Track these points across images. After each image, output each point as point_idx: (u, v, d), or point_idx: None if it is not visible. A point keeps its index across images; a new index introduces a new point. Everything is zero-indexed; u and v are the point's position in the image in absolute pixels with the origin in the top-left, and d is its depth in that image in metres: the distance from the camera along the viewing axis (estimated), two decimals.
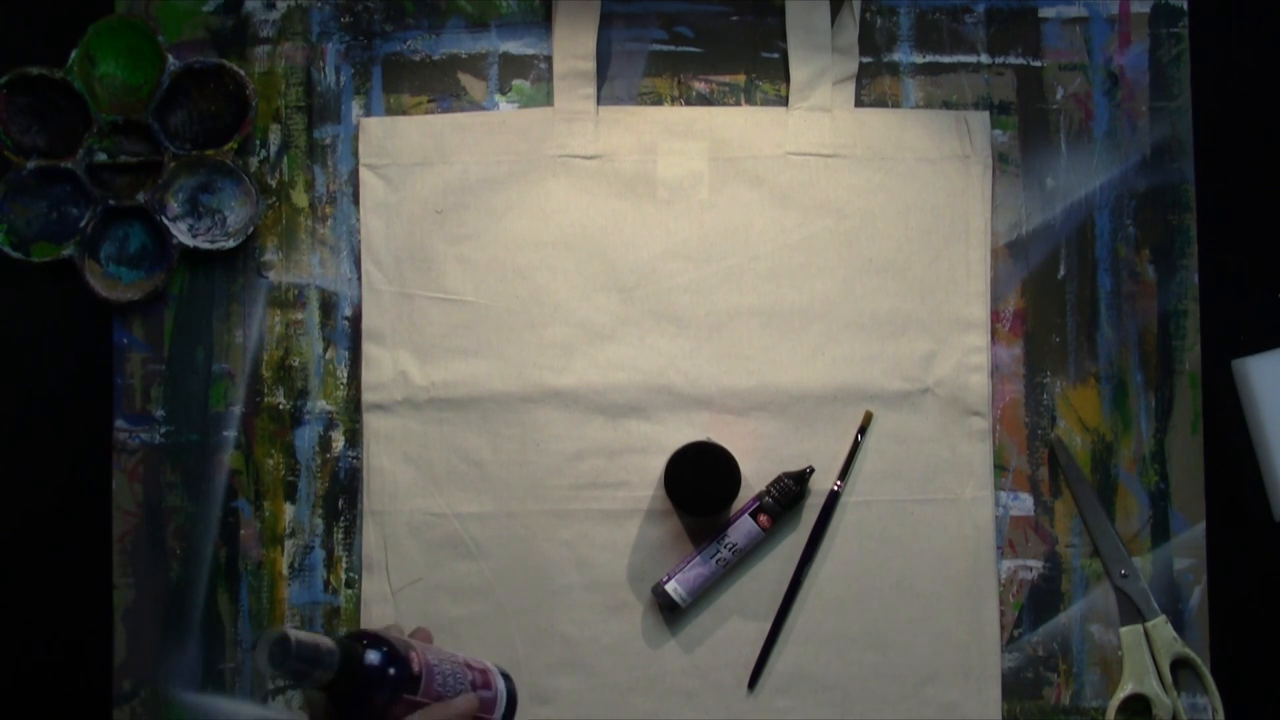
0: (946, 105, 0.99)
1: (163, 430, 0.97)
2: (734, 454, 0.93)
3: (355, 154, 0.98)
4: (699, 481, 0.93)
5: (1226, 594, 0.96)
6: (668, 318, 0.96)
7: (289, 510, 0.97)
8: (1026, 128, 0.99)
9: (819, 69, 0.98)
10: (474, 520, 0.95)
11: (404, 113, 0.99)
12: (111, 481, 0.97)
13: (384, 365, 0.97)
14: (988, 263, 0.97)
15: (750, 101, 0.99)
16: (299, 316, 0.98)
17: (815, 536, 0.95)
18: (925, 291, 0.97)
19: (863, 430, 0.96)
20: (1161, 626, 0.95)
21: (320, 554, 0.96)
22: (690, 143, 0.97)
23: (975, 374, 0.97)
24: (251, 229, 0.97)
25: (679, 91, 0.99)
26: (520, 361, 0.96)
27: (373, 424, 0.96)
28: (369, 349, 0.97)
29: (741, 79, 0.99)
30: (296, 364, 0.98)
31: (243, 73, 0.97)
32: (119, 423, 0.97)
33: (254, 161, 0.99)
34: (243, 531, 0.97)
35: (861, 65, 0.99)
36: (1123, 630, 0.96)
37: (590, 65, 0.98)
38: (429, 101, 0.99)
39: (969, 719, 0.94)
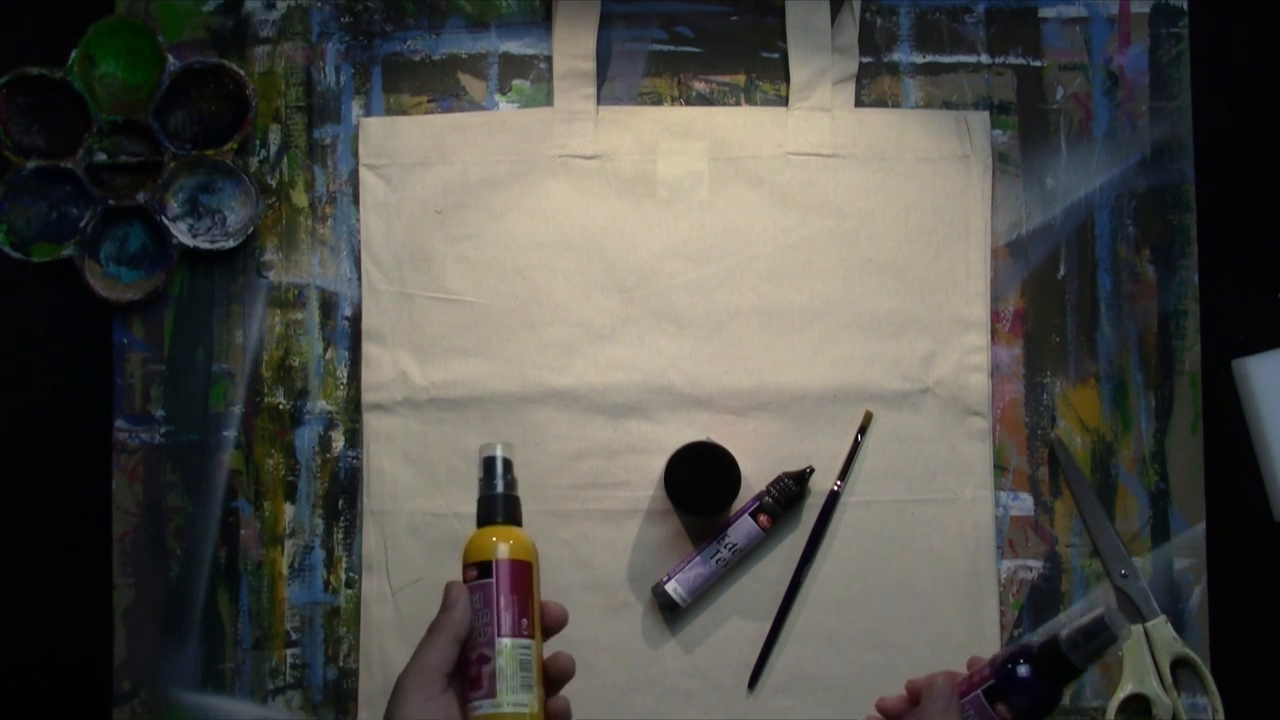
0: (946, 105, 0.99)
1: (163, 430, 0.97)
2: (734, 454, 0.93)
3: (355, 154, 0.98)
4: (699, 481, 0.93)
5: (1226, 594, 0.96)
6: (668, 318, 0.96)
7: (289, 510, 0.97)
8: (1026, 128, 0.99)
9: (819, 69, 0.98)
10: (474, 520, 0.95)
11: (404, 113, 0.99)
12: (111, 481, 0.97)
13: (384, 365, 0.97)
14: (988, 263, 0.97)
15: (750, 101, 0.99)
16: (299, 316, 0.98)
17: (815, 536, 0.95)
18: (925, 291, 0.97)
19: (863, 430, 0.96)
20: (1161, 626, 0.95)
21: (320, 554, 0.96)
22: (690, 143, 0.97)
23: (975, 374, 0.96)
24: (251, 229, 0.97)
25: (679, 91, 0.99)
26: (520, 361, 0.96)
27: (373, 424, 0.96)
28: (369, 349, 0.97)
29: (741, 79, 0.99)
30: (296, 364, 0.98)
31: (243, 73, 0.96)
32: (119, 423, 0.97)
33: (254, 161, 0.99)
34: (243, 531, 0.97)
35: (861, 65, 0.99)
36: None
37: (590, 65, 0.98)
38: (429, 101, 0.99)
39: None
